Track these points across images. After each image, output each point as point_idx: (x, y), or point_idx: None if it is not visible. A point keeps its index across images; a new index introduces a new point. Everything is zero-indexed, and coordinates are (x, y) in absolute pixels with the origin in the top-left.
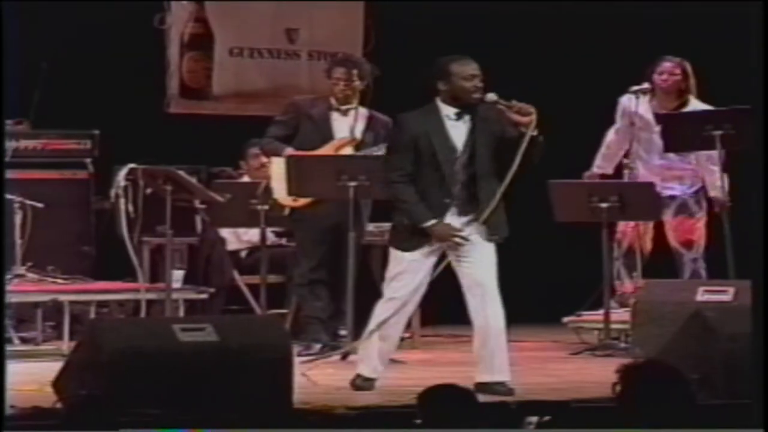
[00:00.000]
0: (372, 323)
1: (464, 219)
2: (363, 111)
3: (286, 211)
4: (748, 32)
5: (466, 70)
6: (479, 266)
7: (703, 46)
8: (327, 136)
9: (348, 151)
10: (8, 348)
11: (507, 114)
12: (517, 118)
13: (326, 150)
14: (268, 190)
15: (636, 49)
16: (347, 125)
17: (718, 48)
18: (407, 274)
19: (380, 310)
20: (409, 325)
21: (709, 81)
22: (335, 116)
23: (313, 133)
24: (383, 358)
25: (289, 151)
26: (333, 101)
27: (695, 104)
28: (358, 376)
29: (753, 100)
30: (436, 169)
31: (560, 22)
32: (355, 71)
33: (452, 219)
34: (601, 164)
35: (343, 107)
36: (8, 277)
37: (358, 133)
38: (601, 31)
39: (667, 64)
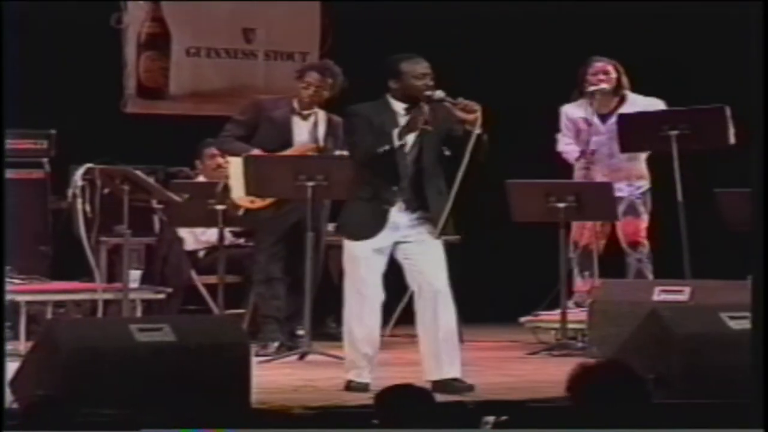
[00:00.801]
0: (347, 327)
1: (412, 215)
2: (322, 114)
3: (241, 212)
4: (748, 32)
5: (417, 69)
6: (427, 264)
7: (704, 46)
8: (287, 139)
9: None
10: None
11: (453, 111)
12: (462, 116)
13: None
14: (226, 189)
15: (634, 49)
16: (307, 130)
17: (718, 48)
18: (363, 269)
19: (354, 311)
20: None
21: (709, 81)
22: (296, 120)
23: (273, 136)
24: (371, 360)
25: (255, 152)
26: (296, 104)
27: (634, 99)
28: (351, 381)
29: (753, 100)
30: (389, 158)
31: (522, 20)
32: (329, 80)
33: (399, 215)
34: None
35: (305, 112)
36: None
37: (320, 139)
38: (595, 30)
39: (598, 65)
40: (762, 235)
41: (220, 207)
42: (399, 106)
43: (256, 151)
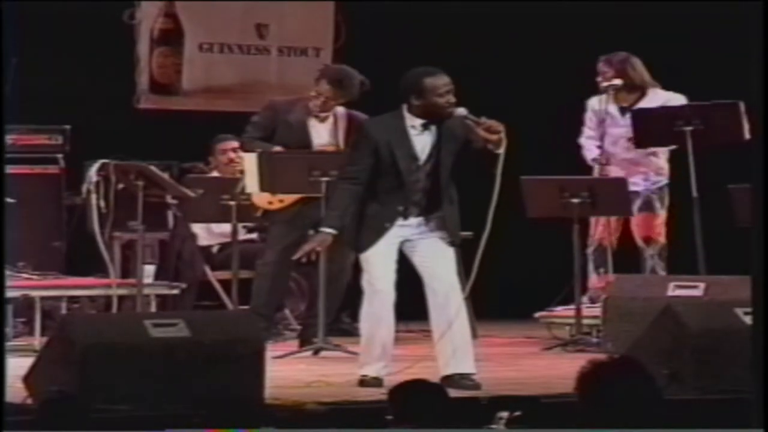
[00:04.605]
0: (363, 323)
1: (421, 218)
2: (341, 111)
3: (259, 213)
4: (748, 32)
5: (440, 85)
6: (438, 261)
7: (703, 46)
8: (305, 142)
9: None
10: None
11: (475, 130)
12: (485, 135)
13: None
14: (244, 190)
15: (632, 49)
16: (326, 131)
17: (718, 48)
18: (376, 266)
19: (369, 306)
20: None
21: (709, 80)
22: (313, 122)
23: (290, 138)
24: (386, 356)
25: (276, 149)
26: (311, 105)
27: (654, 94)
28: (365, 376)
29: (753, 99)
30: (396, 177)
31: (531, 19)
32: (340, 92)
33: (411, 220)
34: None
35: (322, 114)
36: None
37: (340, 139)
38: (595, 29)
39: (599, 64)
40: (762, 234)
41: (235, 201)
42: (415, 122)
43: (277, 149)
